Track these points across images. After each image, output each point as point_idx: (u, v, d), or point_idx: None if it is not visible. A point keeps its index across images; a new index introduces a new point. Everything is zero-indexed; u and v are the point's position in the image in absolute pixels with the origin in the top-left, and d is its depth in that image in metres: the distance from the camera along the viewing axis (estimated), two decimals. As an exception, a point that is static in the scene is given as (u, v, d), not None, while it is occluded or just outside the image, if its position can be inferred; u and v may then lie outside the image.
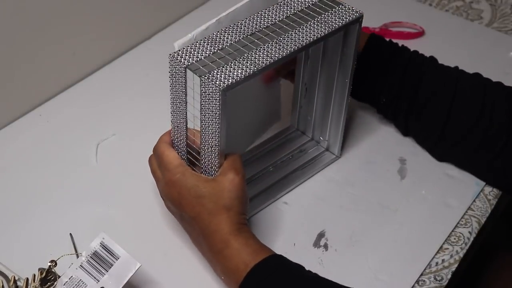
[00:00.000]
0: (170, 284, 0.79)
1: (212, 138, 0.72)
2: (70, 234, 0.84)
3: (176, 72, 0.71)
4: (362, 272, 0.81)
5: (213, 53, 0.71)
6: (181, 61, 0.70)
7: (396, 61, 0.90)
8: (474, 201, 0.89)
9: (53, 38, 1.00)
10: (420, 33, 1.16)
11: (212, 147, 0.73)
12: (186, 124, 0.74)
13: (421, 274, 0.81)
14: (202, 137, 0.73)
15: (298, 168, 0.92)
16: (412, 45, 1.13)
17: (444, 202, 0.88)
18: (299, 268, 0.73)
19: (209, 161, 0.74)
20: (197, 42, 0.73)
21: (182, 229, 0.85)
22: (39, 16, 0.96)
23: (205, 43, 0.72)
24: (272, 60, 0.71)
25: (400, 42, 1.13)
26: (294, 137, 0.96)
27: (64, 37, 1.01)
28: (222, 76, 0.68)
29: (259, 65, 0.70)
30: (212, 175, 0.75)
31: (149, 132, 0.81)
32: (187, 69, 0.70)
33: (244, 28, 0.74)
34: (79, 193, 0.90)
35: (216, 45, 0.72)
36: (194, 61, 0.70)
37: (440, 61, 1.10)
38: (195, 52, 0.71)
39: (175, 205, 0.76)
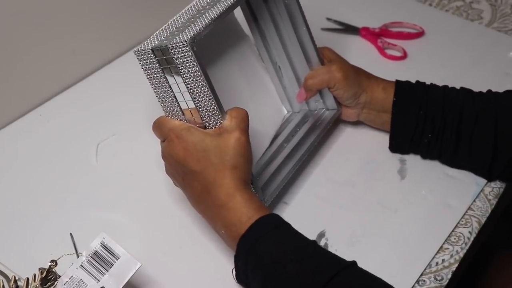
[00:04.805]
0: (170, 284, 0.79)
1: (208, 103, 0.74)
2: (71, 234, 0.84)
3: (146, 62, 0.74)
4: (362, 272, 0.81)
5: (170, 33, 0.75)
6: (145, 49, 0.73)
7: (432, 95, 0.90)
8: (474, 201, 0.89)
9: (53, 38, 1.00)
10: (420, 33, 1.16)
11: (212, 113, 0.74)
12: (180, 107, 0.76)
13: (421, 274, 0.81)
14: (199, 109, 0.75)
15: (307, 132, 0.93)
16: (412, 45, 1.14)
17: (444, 202, 0.88)
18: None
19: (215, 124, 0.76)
20: (153, 35, 0.76)
21: (182, 229, 0.85)
22: (39, 16, 0.96)
23: (161, 32, 0.76)
24: (222, 10, 0.75)
25: (400, 42, 1.14)
26: (293, 117, 0.97)
27: (64, 37, 1.01)
28: (184, 36, 0.71)
29: (212, 18, 0.74)
30: None
31: (149, 132, 0.81)
32: (154, 50, 0.73)
33: (190, 11, 0.78)
34: (79, 193, 0.90)
35: (171, 28, 0.76)
36: (156, 42, 0.74)
37: (440, 61, 1.11)
38: (155, 38, 0.75)
39: (179, 161, 0.76)
